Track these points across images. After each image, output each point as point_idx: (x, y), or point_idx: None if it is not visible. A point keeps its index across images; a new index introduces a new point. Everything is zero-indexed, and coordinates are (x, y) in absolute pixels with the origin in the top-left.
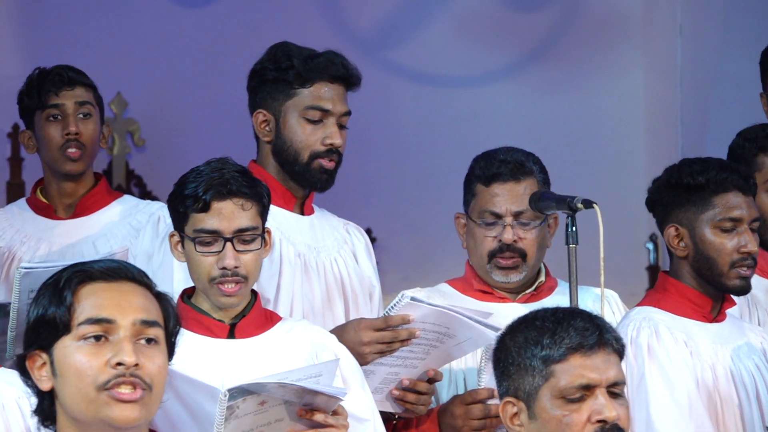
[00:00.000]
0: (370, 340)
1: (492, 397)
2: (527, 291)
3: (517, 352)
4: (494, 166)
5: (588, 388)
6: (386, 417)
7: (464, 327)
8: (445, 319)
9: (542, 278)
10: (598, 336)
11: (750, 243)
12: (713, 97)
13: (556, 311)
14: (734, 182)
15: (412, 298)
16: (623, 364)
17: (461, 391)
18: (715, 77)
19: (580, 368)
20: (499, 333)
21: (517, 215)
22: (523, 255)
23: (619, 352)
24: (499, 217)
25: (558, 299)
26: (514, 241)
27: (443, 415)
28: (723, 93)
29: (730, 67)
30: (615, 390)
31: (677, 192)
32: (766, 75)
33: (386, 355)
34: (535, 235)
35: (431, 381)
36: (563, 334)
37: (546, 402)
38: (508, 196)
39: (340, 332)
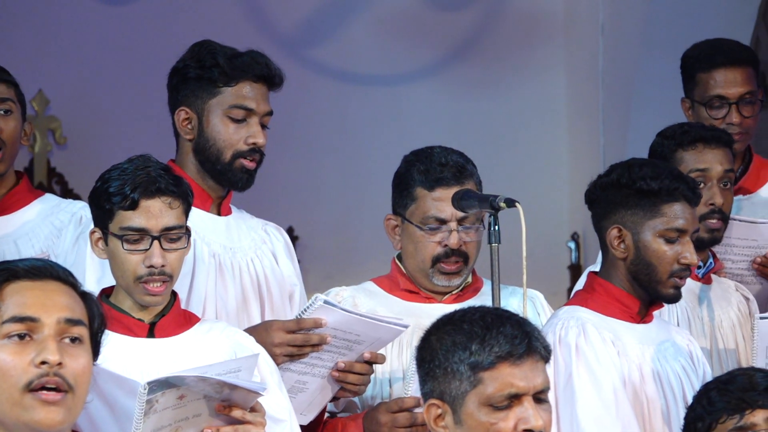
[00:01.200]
0: (281, 341)
1: (419, 405)
2: (454, 291)
3: (444, 355)
4: (436, 170)
5: (515, 397)
6: (316, 420)
7: (375, 329)
8: (356, 324)
9: (469, 279)
10: (527, 344)
11: (691, 255)
12: (635, 96)
13: (485, 315)
14: (684, 193)
15: (325, 302)
16: (550, 362)
17: (387, 397)
18: (636, 77)
19: (508, 377)
20: (403, 328)
21: (461, 220)
22: (466, 259)
23: (546, 358)
24: (444, 222)
25: (484, 300)
26: (459, 245)
27: (368, 422)
28: (644, 92)
29: (651, 67)
30: (541, 396)
31: (626, 193)
32: (687, 80)
33: (296, 359)
34: (478, 237)
35: (371, 363)
36: (492, 341)
37: (473, 408)
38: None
39: (251, 332)
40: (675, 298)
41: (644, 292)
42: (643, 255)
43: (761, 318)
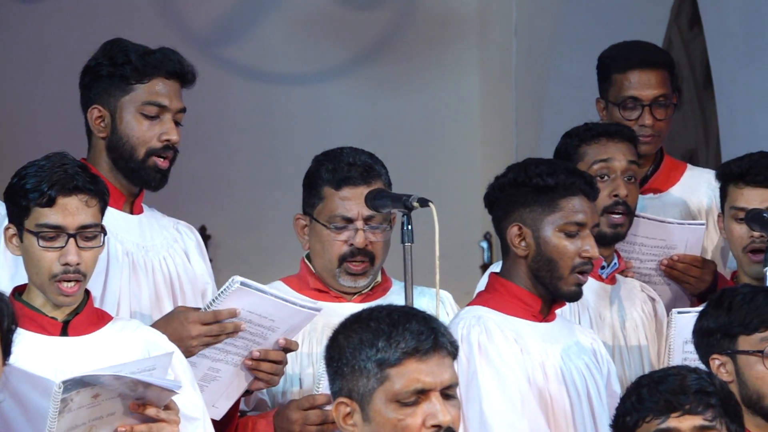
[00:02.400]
0: (198, 333)
1: (330, 403)
2: (363, 291)
3: (351, 353)
4: (344, 169)
5: (423, 393)
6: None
7: (290, 314)
8: (271, 307)
9: (378, 278)
10: (434, 340)
11: (592, 248)
12: (548, 96)
13: (391, 312)
14: (581, 187)
15: (242, 283)
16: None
17: (297, 394)
18: (549, 76)
19: (415, 373)
20: (316, 312)
21: (367, 219)
22: (372, 259)
23: (453, 354)
24: (350, 221)
25: (393, 299)
26: (366, 245)
27: (279, 420)
28: (557, 92)
29: (564, 67)
30: (448, 392)
31: (524, 191)
32: (602, 80)
33: (211, 345)
34: (384, 237)
35: (286, 351)
36: (399, 337)
37: (380, 405)
38: (360, 200)
39: (165, 323)
40: (576, 296)
41: (546, 291)
42: (544, 251)
43: (679, 313)
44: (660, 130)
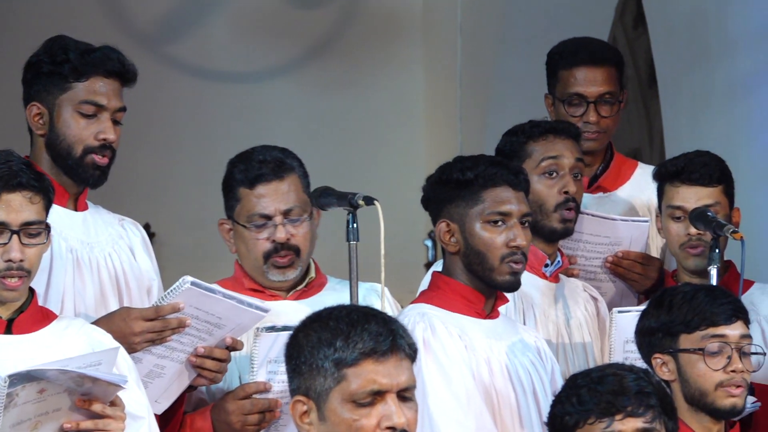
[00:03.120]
0: (141, 330)
1: (264, 390)
2: (298, 288)
3: (310, 352)
4: (255, 167)
5: (379, 394)
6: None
7: (237, 314)
8: (219, 306)
9: (312, 274)
10: (392, 341)
11: (519, 237)
12: (492, 94)
13: (351, 312)
14: (503, 177)
15: (193, 283)
16: None
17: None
18: (493, 75)
19: (372, 373)
20: (264, 313)
21: (286, 213)
22: (297, 251)
23: (412, 357)
24: (268, 218)
25: (329, 295)
26: (287, 239)
27: (217, 413)
28: (502, 91)
29: (508, 65)
30: (405, 394)
31: (447, 188)
32: (550, 76)
33: (156, 344)
34: (306, 229)
35: (230, 349)
36: (357, 338)
37: (336, 405)
38: (275, 196)
39: (107, 321)
40: (513, 286)
41: (484, 285)
42: (472, 245)
43: (620, 312)
44: (605, 127)
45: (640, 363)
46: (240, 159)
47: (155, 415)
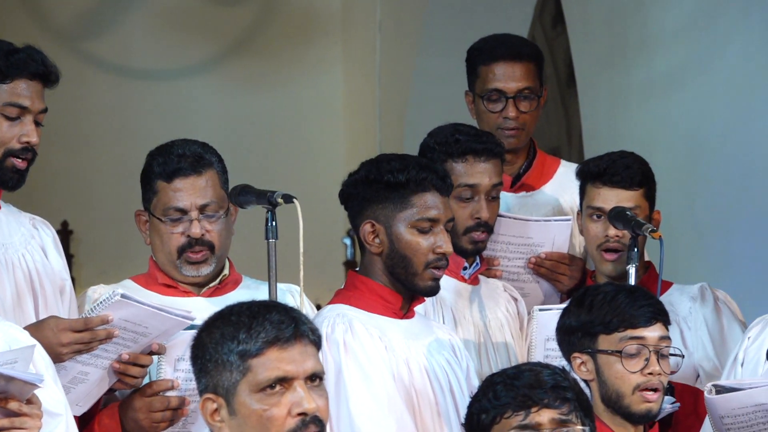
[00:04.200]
0: (69, 341)
1: (172, 388)
2: (211, 285)
3: (214, 348)
4: (173, 161)
5: (286, 381)
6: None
7: (163, 321)
8: (146, 316)
9: (226, 272)
10: (294, 328)
11: (445, 244)
12: (411, 93)
13: (252, 305)
14: (433, 182)
15: (123, 296)
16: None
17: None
18: (413, 73)
19: (277, 361)
20: (192, 323)
21: (202, 208)
22: (211, 247)
23: (316, 343)
24: (184, 212)
25: (243, 293)
26: (202, 234)
27: (124, 410)
28: (421, 89)
29: (428, 64)
30: (314, 381)
31: (376, 188)
32: (470, 73)
33: (83, 353)
34: (221, 225)
35: (153, 354)
36: (259, 327)
37: (245, 397)
38: (192, 191)
39: (36, 330)
40: (433, 291)
41: (403, 287)
42: (397, 248)
43: (541, 310)
44: (525, 123)
45: (561, 362)
46: (159, 152)
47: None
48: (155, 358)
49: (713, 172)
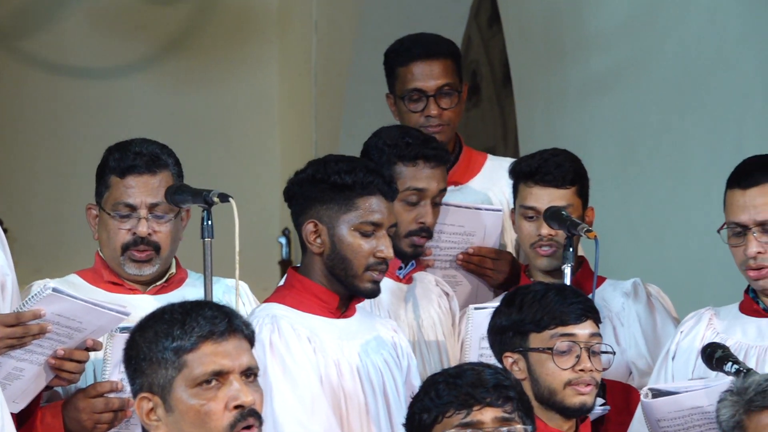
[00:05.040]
0: (1, 336)
1: (116, 390)
2: (158, 283)
3: (148, 347)
4: (129, 158)
5: (222, 375)
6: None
7: (98, 317)
8: (80, 311)
9: (173, 270)
10: (228, 323)
11: (387, 249)
12: (347, 93)
13: (184, 303)
14: (379, 187)
15: (54, 289)
16: None
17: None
18: (348, 73)
19: (212, 355)
20: (124, 316)
21: (151, 208)
22: (156, 248)
23: (250, 338)
24: (133, 209)
25: (188, 291)
26: (149, 234)
27: (68, 410)
28: (357, 90)
29: (363, 64)
30: (249, 376)
31: (321, 188)
32: (389, 75)
33: (17, 348)
34: (170, 227)
35: (90, 350)
36: (193, 323)
37: (181, 393)
38: (143, 188)
39: None
40: (373, 293)
41: (342, 287)
42: (338, 249)
43: (475, 309)
44: (448, 119)
45: (495, 361)
46: (117, 148)
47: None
48: (100, 359)
49: (647, 171)
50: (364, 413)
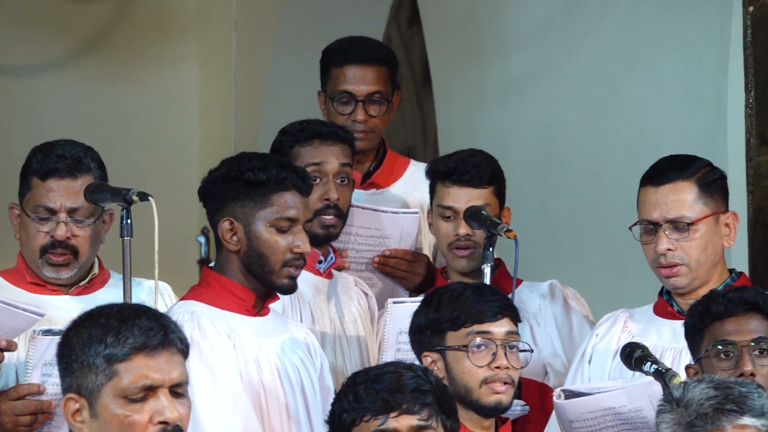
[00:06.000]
0: None
1: (37, 393)
2: (81, 284)
3: (81, 349)
4: (51, 160)
5: (151, 389)
6: None
7: (12, 317)
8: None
9: (95, 270)
10: (163, 336)
11: (303, 243)
12: (267, 91)
13: (122, 309)
14: (293, 182)
15: None
16: None
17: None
18: (268, 72)
19: (143, 368)
20: (53, 329)
21: (71, 212)
22: (75, 252)
23: (184, 352)
24: (53, 212)
25: (111, 291)
26: (68, 237)
27: None
28: (276, 89)
29: (283, 64)
30: (178, 390)
31: (236, 186)
32: (323, 74)
33: None
34: (89, 232)
35: (5, 350)
36: (127, 333)
37: (108, 401)
38: (64, 192)
39: None
40: (290, 289)
41: (259, 284)
42: (255, 246)
43: (395, 302)
44: (374, 126)
45: (413, 355)
46: (41, 149)
47: None
48: (23, 361)
49: (566, 171)
50: (284, 410)
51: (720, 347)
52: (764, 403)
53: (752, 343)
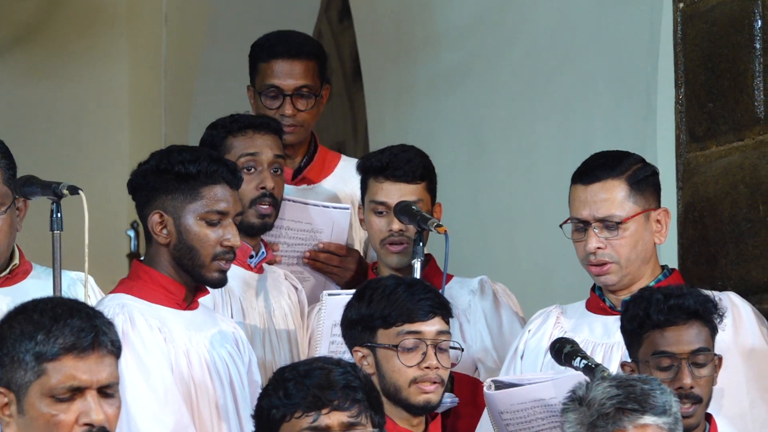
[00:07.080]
0: None
1: None
2: (1, 274)
3: (12, 344)
4: None
5: (78, 390)
6: None
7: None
8: None
9: (16, 261)
10: (93, 337)
11: (233, 237)
12: (197, 86)
13: (56, 306)
14: (223, 175)
15: None
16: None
17: None
18: (199, 66)
19: (72, 369)
20: None
21: None
22: None
23: (115, 353)
24: None
25: (34, 282)
26: None
27: None
28: (207, 83)
29: (214, 58)
30: (107, 390)
31: (165, 179)
32: (251, 68)
33: None
34: (6, 221)
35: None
36: (58, 332)
37: (35, 398)
38: None
39: None
40: (220, 283)
41: (189, 278)
42: (185, 239)
43: (330, 294)
44: (302, 120)
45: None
46: None
47: None
48: None
49: (496, 167)
50: (213, 404)
51: (660, 358)
52: (667, 400)
53: (691, 355)
